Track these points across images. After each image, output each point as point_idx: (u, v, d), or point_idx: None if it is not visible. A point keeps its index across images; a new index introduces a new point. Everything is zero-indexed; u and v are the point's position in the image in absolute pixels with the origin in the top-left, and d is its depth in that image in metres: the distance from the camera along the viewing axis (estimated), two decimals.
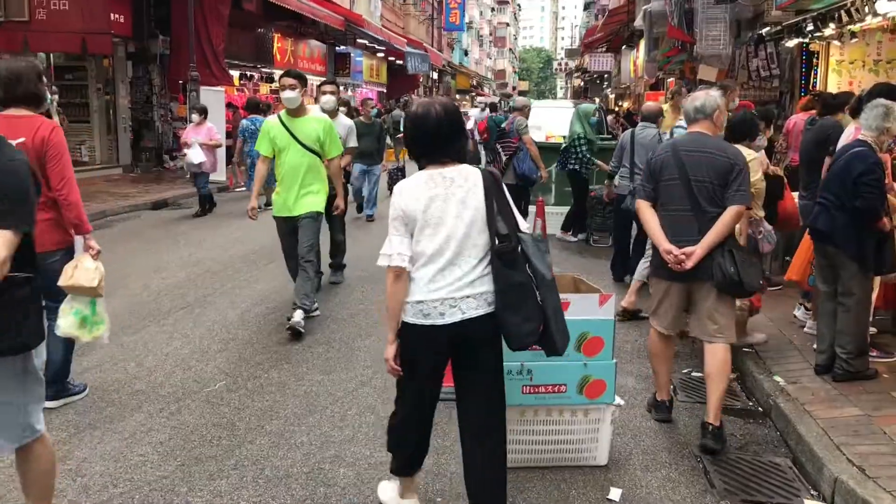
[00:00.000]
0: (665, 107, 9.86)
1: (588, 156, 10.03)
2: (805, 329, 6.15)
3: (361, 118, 11.44)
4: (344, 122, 7.57)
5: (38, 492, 3.06)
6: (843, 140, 5.64)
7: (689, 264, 4.26)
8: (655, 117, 7.86)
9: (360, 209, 12.18)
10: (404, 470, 3.52)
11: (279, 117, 6.43)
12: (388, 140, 15.19)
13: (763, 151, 5.95)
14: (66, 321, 4.23)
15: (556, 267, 8.57)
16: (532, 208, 9.84)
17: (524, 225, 3.29)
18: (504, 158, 9.24)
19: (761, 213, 5.63)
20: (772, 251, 5.74)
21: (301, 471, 4.00)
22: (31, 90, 4.31)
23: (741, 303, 5.40)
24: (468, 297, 3.12)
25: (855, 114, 5.76)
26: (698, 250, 4.25)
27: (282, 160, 6.34)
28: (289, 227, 6.44)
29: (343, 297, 7.44)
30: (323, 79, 27.20)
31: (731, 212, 4.26)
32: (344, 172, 7.70)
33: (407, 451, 3.47)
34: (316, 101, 10.19)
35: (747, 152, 5.52)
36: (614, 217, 8.83)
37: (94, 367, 5.44)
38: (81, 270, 4.23)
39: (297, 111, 6.35)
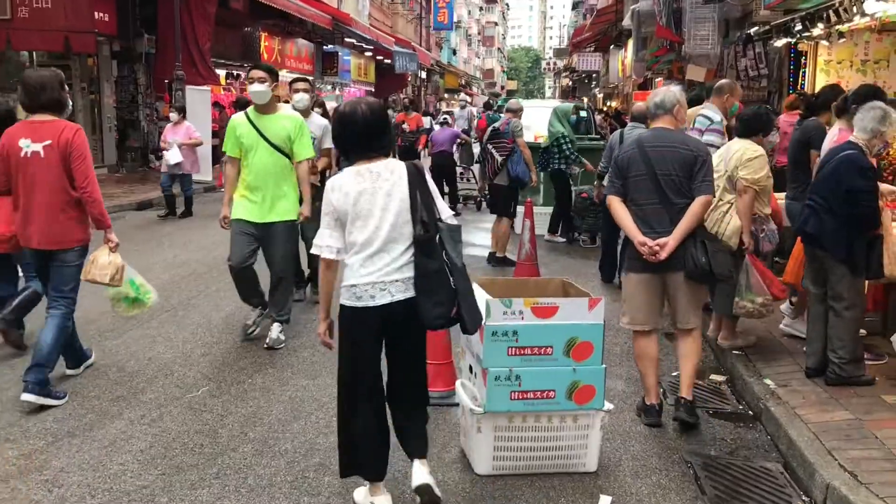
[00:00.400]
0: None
1: (576, 154, 9.97)
2: (781, 325, 6.12)
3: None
4: (318, 121, 6.91)
5: None
6: (828, 141, 5.56)
7: (663, 255, 4.42)
8: (645, 118, 7.79)
9: None
10: (371, 475, 3.62)
11: (246, 114, 5.90)
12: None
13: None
14: (120, 307, 5.34)
15: (544, 269, 8.55)
16: (520, 208, 9.77)
17: (446, 213, 3.53)
18: (500, 160, 9.04)
19: (767, 211, 5.59)
20: (771, 250, 5.68)
21: (285, 479, 3.91)
22: (55, 97, 4.71)
23: (763, 299, 5.36)
24: (397, 280, 3.40)
25: (840, 114, 5.70)
26: (671, 241, 4.41)
27: (249, 161, 5.80)
28: (256, 234, 5.83)
29: None
30: (311, 79, 27.15)
31: (699, 202, 4.44)
32: (322, 176, 7.22)
33: (369, 459, 3.58)
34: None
35: (755, 147, 5.48)
36: (603, 217, 8.78)
37: (75, 373, 5.32)
38: (96, 267, 4.87)
39: (267, 107, 5.85)
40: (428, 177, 3.55)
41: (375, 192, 3.39)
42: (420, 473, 3.58)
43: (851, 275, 4.84)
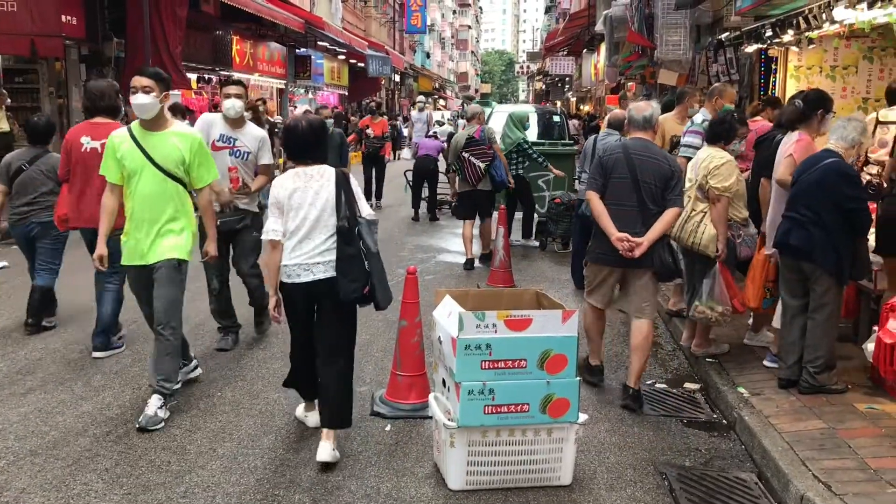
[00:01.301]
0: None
1: (542, 157, 9.93)
2: (745, 340, 6.12)
3: None
4: (254, 133, 5.92)
5: None
6: (786, 146, 5.50)
7: (637, 253, 4.89)
8: (621, 126, 7.81)
9: None
10: (305, 396, 4.72)
11: (129, 130, 4.75)
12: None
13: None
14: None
15: (517, 274, 8.49)
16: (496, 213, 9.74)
17: (365, 211, 4.27)
18: (482, 166, 8.95)
19: (745, 213, 5.61)
20: (749, 256, 5.67)
21: (254, 498, 3.83)
22: (112, 104, 5.85)
23: (723, 308, 5.37)
24: (318, 263, 4.18)
25: (798, 120, 5.65)
26: (645, 242, 4.89)
27: (131, 189, 4.68)
28: (144, 280, 4.78)
29: None
30: (282, 82, 26.93)
31: (672, 212, 4.98)
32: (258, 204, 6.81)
33: (302, 383, 4.62)
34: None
35: (721, 154, 5.49)
36: (574, 223, 8.79)
37: (38, 388, 5.20)
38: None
39: (155, 122, 4.71)
40: (353, 181, 4.33)
41: (306, 189, 4.19)
42: (324, 448, 4.17)
43: (837, 285, 4.84)
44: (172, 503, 3.75)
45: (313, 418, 4.64)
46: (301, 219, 4.16)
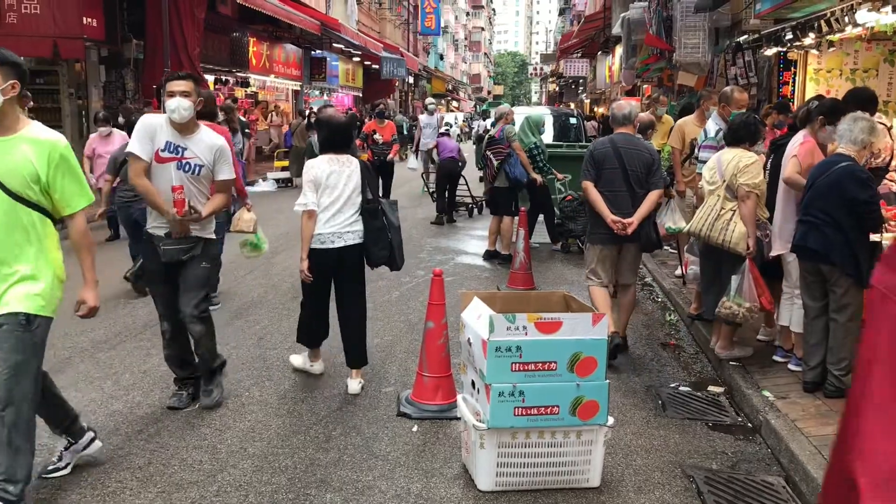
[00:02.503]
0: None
1: (548, 165, 9.99)
2: (759, 336, 6.17)
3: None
4: (209, 141, 4.78)
5: None
6: (792, 147, 5.51)
7: (630, 231, 5.83)
8: (645, 129, 7.83)
9: None
10: (313, 344, 5.51)
11: None
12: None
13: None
14: (245, 250, 6.95)
15: (537, 276, 8.47)
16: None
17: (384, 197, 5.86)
18: (496, 164, 9.40)
19: (767, 214, 5.64)
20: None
21: (286, 497, 3.87)
22: (211, 109, 6.78)
23: (751, 305, 5.39)
24: (348, 232, 5.16)
25: (804, 122, 5.67)
26: (635, 221, 5.84)
27: None
28: None
29: None
30: (297, 83, 27.04)
31: (654, 194, 5.97)
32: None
33: (315, 335, 5.47)
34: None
35: (748, 154, 5.52)
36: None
37: (70, 386, 5.25)
38: (242, 221, 6.83)
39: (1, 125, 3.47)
40: (370, 173, 5.36)
41: (340, 173, 5.15)
42: (353, 384, 5.27)
43: (857, 285, 4.85)
44: (206, 501, 3.80)
45: (318, 366, 5.54)
46: (336, 196, 5.12)
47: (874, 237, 4.99)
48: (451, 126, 22.35)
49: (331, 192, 5.11)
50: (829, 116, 5.38)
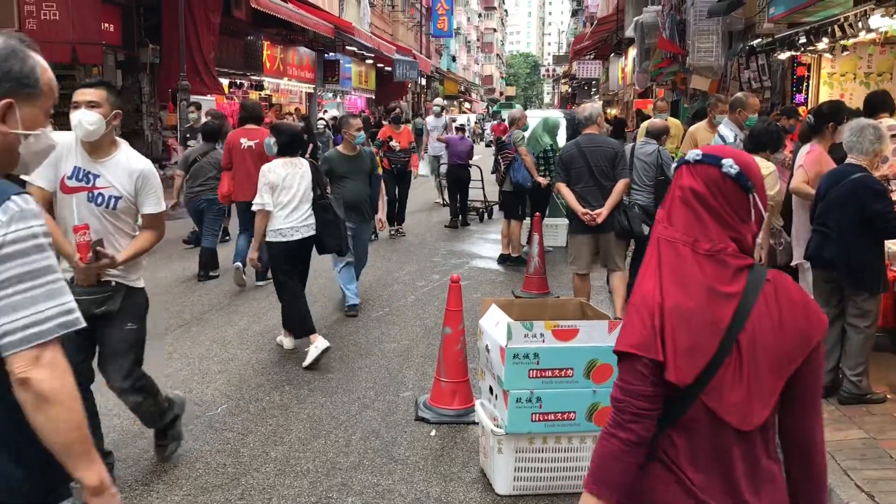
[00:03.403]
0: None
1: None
2: None
3: (339, 148, 7.48)
4: (130, 165, 3.83)
5: None
6: (801, 158, 5.55)
7: (599, 220, 6.47)
8: (660, 135, 7.87)
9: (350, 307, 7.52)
10: (305, 332, 6.05)
11: None
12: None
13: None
14: None
15: (552, 280, 8.53)
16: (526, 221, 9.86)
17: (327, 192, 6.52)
18: (503, 167, 9.61)
19: (781, 222, 5.69)
20: (787, 262, 5.74)
21: (308, 500, 3.96)
22: (258, 115, 8.60)
23: None
24: (304, 226, 6.06)
25: (813, 132, 5.69)
26: (604, 211, 6.49)
27: None
28: None
29: (340, 316, 7.40)
30: (311, 86, 27.18)
31: (620, 184, 6.61)
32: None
33: (303, 320, 6.05)
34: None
35: (766, 164, 5.54)
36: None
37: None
38: None
39: None
40: (319, 171, 6.38)
41: (294, 174, 6.02)
42: (321, 340, 5.95)
43: (872, 293, 4.89)
44: None
45: (289, 342, 6.33)
46: (293, 195, 5.97)
47: (889, 245, 5.04)
48: (463, 129, 22.33)
49: (287, 191, 5.95)
50: (836, 119, 5.44)
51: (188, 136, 11.68)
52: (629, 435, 1.79)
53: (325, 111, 25.19)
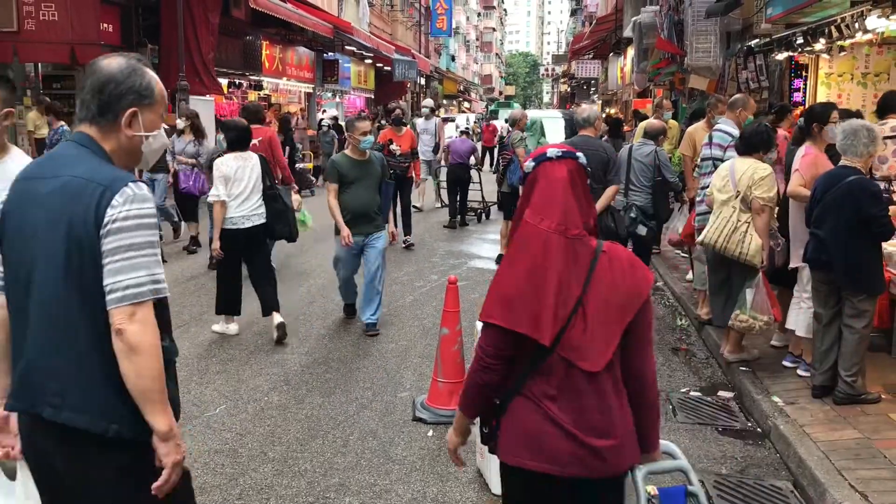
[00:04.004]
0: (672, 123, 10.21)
1: None
2: (773, 342, 6.24)
3: (347, 152, 6.92)
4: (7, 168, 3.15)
5: None
6: (797, 162, 5.57)
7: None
8: (657, 135, 7.89)
9: (349, 311, 7.37)
10: (232, 312, 6.71)
11: None
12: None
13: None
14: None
15: None
16: None
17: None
18: (501, 168, 9.78)
19: (777, 224, 5.73)
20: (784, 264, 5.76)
21: (306, 500, 3.99)
22: (262, 115, 8.94)
23: (768, 318, 5.48)
24: (255, 214, 6.48)
25: (806, 135, 5.71)
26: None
27: None
28: None
29: (339, 317, 7.43)
30: (310, 86, 27.20)
31: (611, 189, 6.84)
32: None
33: (233, 303, 6.67)
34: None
35: (763, 167, 5.57)
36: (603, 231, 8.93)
37: None
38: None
39: None
40: (267, 164, 6.69)
41: (245, 167, 6.42)
42: (277, 317, 6.53)
43: (871, 295, 4.92)
44: None
45: (234, 327, 6.74)
46: (244, 186, 6.39)
47: (886, 247, 5.07)
48: (467, 133, 22.28)
49: (239, 183, 6.37)
50: (821, 120, 5.48)
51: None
52: (482, 380, 2.33)
53: (324, 111, 25.23)
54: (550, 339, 2.22)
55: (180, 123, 11.02)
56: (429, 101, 15.01)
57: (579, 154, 2.43)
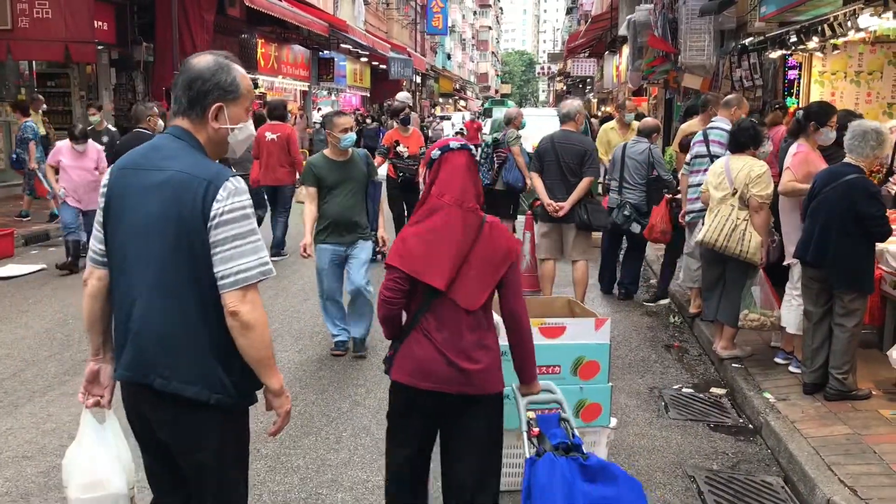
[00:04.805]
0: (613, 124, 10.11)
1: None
2: (772, 343, 6.24)
3: (326, 152, 6.07)
4: None
5: None
6: (789, 159, 5.59)
7: (562, 213, 6.86)
8: (651, 133, 7.92)
9: (340, 347, 6.27)
10: None
11: None
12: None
13: None
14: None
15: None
16: (520, 218, 9.91)
17: None
18: (496, 165, 9.58)
19: (772, 220, 5.76)
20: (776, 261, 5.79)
21: (299, 496, 4.00)
22: (282, 113, 10.01)
23: (777, 313, 5.51)
24: None
25: (799, 132, 5.71)
26: (567, 205, 6.84)
27: None
28: None
29: None
30: (305, 84, 27.18)
31: (585, 181, 6.89)
32: None
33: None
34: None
35: (759, 164, 5.58)
36: (606, 232, 8.90)
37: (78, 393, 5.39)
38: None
39: None
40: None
41: None
42: None
43: (861, 293, 4.94)
44: None
45: None
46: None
47: (880, 246, 5.09)
48: (459, 128, 22.16)
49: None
50: (819, 120, 5.48)
51: (89, 138, 9.37)
52: (384, 313, 2.99)
53: (320, 109, 25.20)
54: (445, 284, 2.87)
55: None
56: (405, 94, 12.81)
57: (471, 146, 3.11)
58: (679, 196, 7.27)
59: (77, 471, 2.75)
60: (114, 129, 11.70)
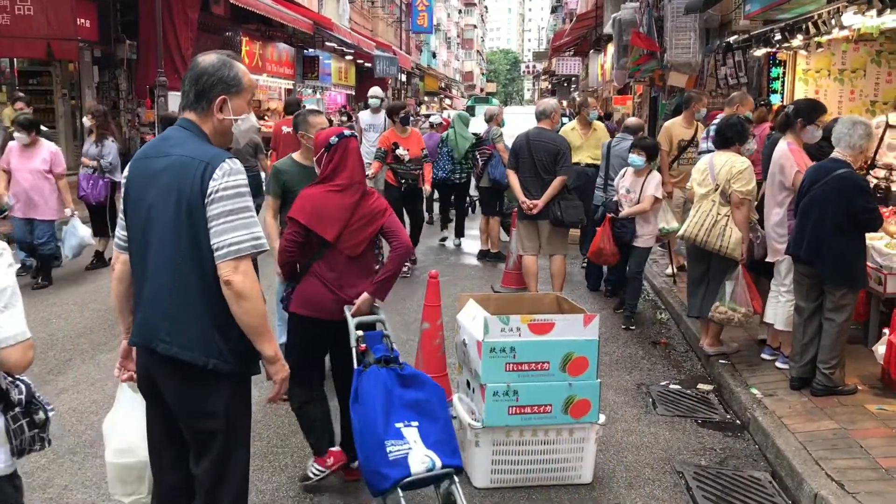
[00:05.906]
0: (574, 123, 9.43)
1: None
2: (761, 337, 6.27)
3: (296, 156, 5.01)
4: None
5: None
6: (777, 153, 5.60)
7: (535, 211, 7.03)
8: (636, 131, 7.93)
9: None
10: None
11: None
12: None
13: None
14: None
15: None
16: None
17: None
18: (480, 163, 9.62)
19: (756, 217, 5.77)
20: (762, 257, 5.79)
21: (287, 494, 3.98)
22: (294, 110, 9.02)
23: (746, 310, 5.51)
24: None
25: (785, 128, 5.72)
26: (540, 202, 7.01)
27: None
28: None
29: None
30: (290, 82, 27.08)
31: (559, 180, 7.02)
32: None
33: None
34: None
35: (741, 160, 5.60)
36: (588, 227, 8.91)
37: (71, 388, 5.35)
38: None
39: None
40: None
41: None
42: None
43: (853, 288, 4.97)
44: None
45: None
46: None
47: (870, 239, 5.12)
48: (437, 121, 22.01)
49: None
50: (808, 117, 5.50)
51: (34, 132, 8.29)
52: (284, 258, 3.86)
53: (304, 107, 25.06)
54: (334, 237, 3.74)
55: (86, 122, 9.90)
56: (376, 90, 11.69)
57: (355, 133, 4.05)
58: (622, 215, 7.02)
59: (113, 437, 3.17)
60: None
